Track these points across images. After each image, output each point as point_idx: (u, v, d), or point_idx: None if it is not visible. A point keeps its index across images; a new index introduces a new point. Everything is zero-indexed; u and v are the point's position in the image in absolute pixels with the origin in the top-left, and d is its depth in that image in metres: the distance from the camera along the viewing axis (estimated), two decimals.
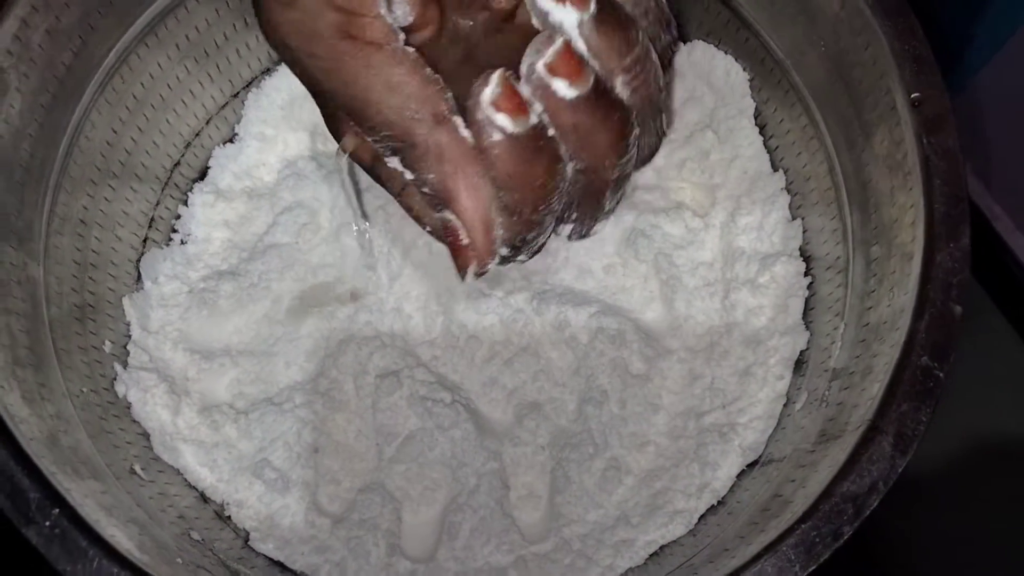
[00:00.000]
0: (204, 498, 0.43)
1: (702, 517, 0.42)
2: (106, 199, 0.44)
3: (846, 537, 0.30)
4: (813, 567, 0.31)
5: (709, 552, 0.39)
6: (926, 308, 0.33)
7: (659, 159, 0.48)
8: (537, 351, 0.46)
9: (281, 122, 0.50)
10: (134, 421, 0.42)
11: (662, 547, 0.42)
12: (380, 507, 0.42)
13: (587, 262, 0.48)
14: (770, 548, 0.31)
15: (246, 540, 0.42)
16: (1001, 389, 0.72)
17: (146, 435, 0.43)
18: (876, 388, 0.34)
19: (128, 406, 0.43)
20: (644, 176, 0.48)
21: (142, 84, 0.45)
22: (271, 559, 0.42)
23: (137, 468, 0.39)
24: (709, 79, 0.48)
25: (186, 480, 0.43)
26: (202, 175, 0.49)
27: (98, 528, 0.30)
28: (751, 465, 0.43)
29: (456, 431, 0.44)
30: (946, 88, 0.36)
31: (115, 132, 0.44)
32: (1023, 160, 0.77)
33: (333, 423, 0.44)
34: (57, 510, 0.30)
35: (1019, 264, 0.82)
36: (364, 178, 0.39)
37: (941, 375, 0.32)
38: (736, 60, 0.47)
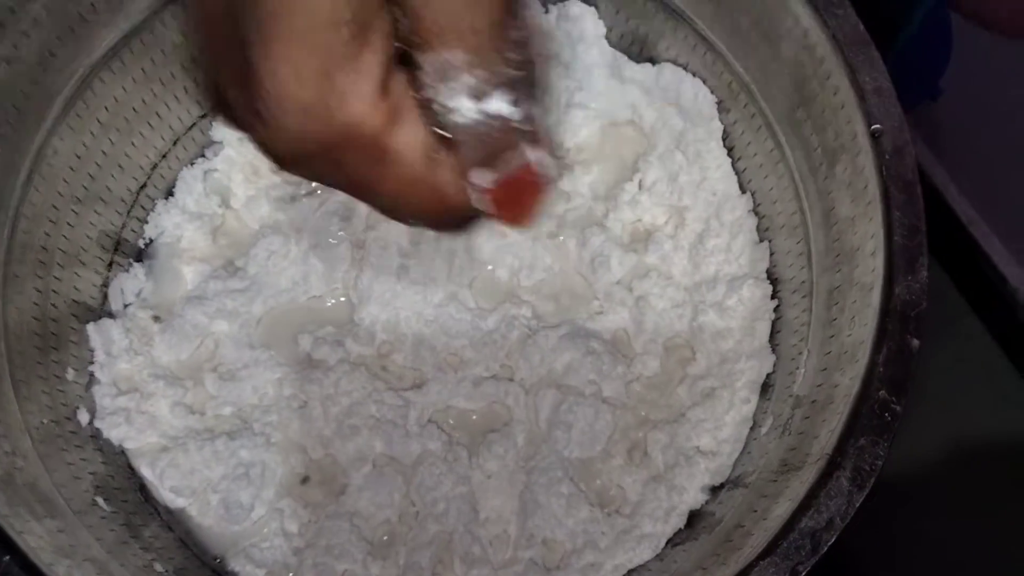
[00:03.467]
0: (169, 526, 0.43)
1: (669, 541, 0.42)
2: (69, 224, 0.44)
3: (803, 574, 0.30)
4: None
5: None
6: (884, 341, 0.33)
7: (628, 183, 0.48)
8: (506, 374, 0.46)
9: (249, 143, 0.49)
10: (97, 450, 0.42)
11: (629, 571, 0.42)
12: (348, 533, 0.42)
13: (556, 284, 0.48)
14: None
15: (213, 567, 0.42)
16: (977, 392, 0.73)
17: (109, 464, 0.42)
18: (836, 420, 0.34)
19: (92, 435, 0.42)
20: (613, 198, 0.48)
21: (106, 108, 0.44)
22: None
23: (99, 500, 0.39)
24: (678, 101, 0.48)
25: (150, 508, 0.43)
26: (168, 195, 0.49)
27: (51, 572, 0.30)
28: (717, 489, 0.43)
29: (424, 456, 0.43)
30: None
31: (79, 157, 0.43)
32: (998, 166, 0.77)
33: (301, 448, 0.44)
34: (8, 557, 0.29)
35: (994, 268, 0.83)
36: None
37: (899, 409, 0.32)
38: (704, 83, 0.47)
